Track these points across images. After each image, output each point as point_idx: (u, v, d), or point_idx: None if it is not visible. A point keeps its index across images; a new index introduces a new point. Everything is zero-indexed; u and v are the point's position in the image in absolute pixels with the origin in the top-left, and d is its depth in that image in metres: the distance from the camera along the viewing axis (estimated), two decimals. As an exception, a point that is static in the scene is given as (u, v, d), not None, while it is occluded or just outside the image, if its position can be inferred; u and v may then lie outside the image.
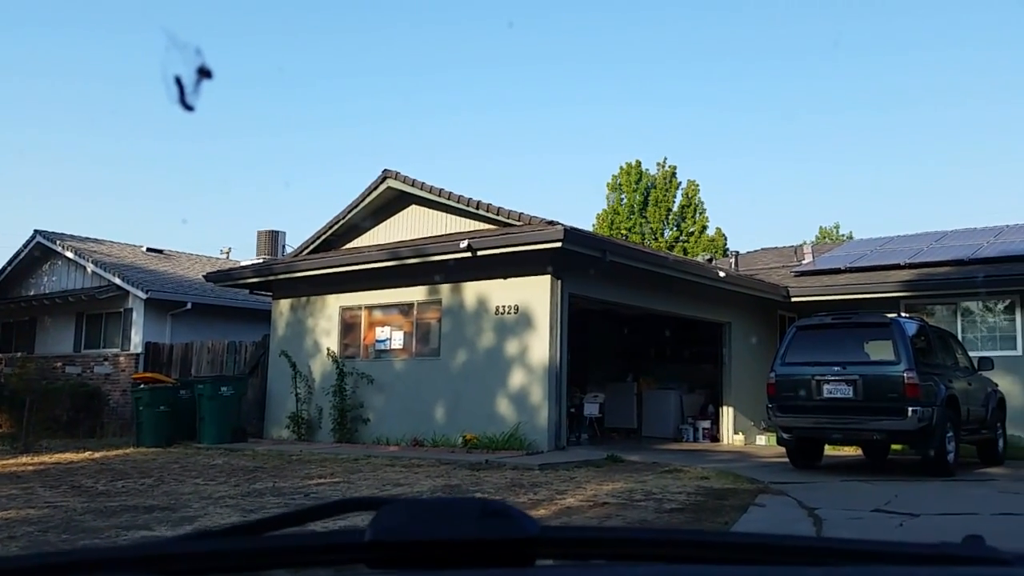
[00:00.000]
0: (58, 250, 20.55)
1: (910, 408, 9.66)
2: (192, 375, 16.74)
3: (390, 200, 15.36)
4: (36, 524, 6.44)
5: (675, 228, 35.55)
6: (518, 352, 12.66)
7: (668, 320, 16.44)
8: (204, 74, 1.17)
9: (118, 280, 18.87)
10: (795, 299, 16.76)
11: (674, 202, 35.71)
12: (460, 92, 60.82)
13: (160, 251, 23.69)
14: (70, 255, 20.24)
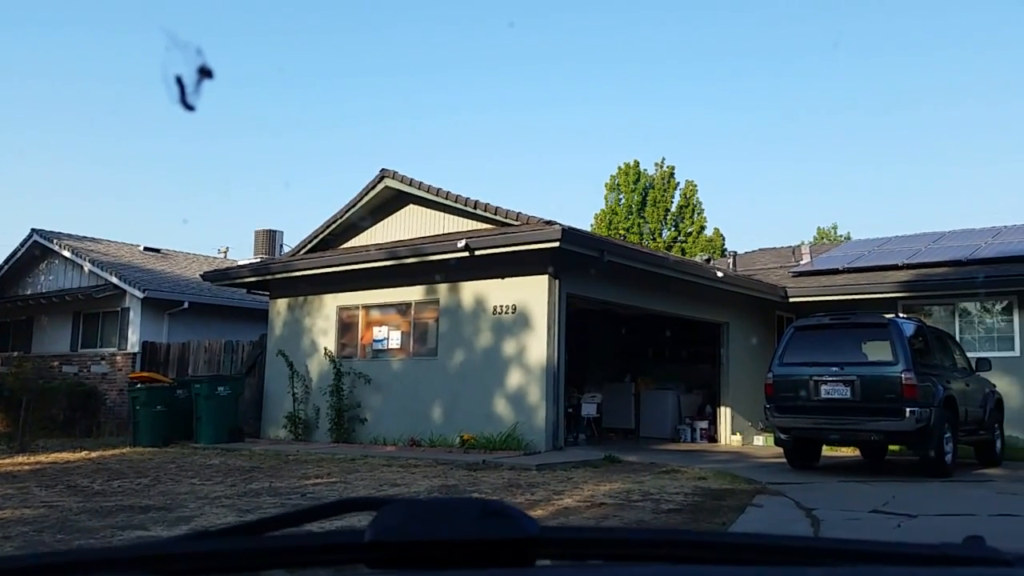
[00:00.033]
0: (55, 249, 20.52)
1: (908, 409, 9.66)
2: (189, 375, 16.71)
3: (388, 199, 15.35)
4: (31, 524, 6.43)
5: (673, 228, 35.56)
6: (516, 352, 12.65)
7: (666, 320, 16.44)
8: (205, 74, 1.17)
9: (115, 279, 18.84)
10: (793, 299, 16.78)
11: (672, 202, 35.72)
12: (459, 92, 60.89)
13: (157, 250, 23.65)
14: (67, 254, 20.20)
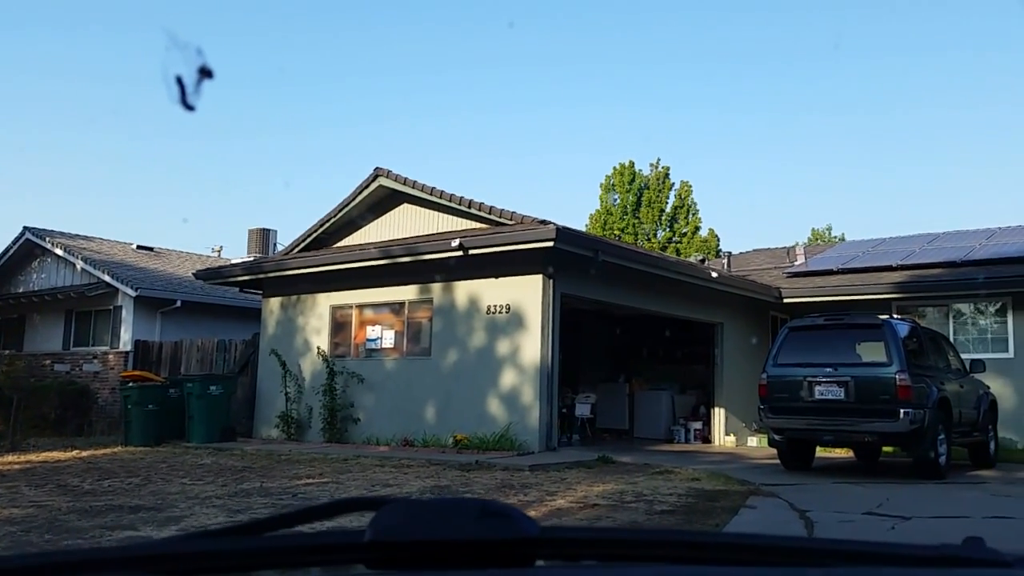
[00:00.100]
0: (47, 247, 20.44)
1: (902, 410, 9.67)
2: (181, 373, 16.66)
3: (382, 198, 15.33)
4: (19, 524, 6.39)
5: (668, 229, 35.62)
6: (509, 352, 12.64)
7: (660, 320, 16.46)
8: (205, 74, 1.16)
9: (107, 277, 18.77)
10: (787, 300, 16.81)
11: (667, 203, 35.77)
12: (458, 92, 60.96)
13: (150, 249, 23.58)
14: (59, 252, 20.13)
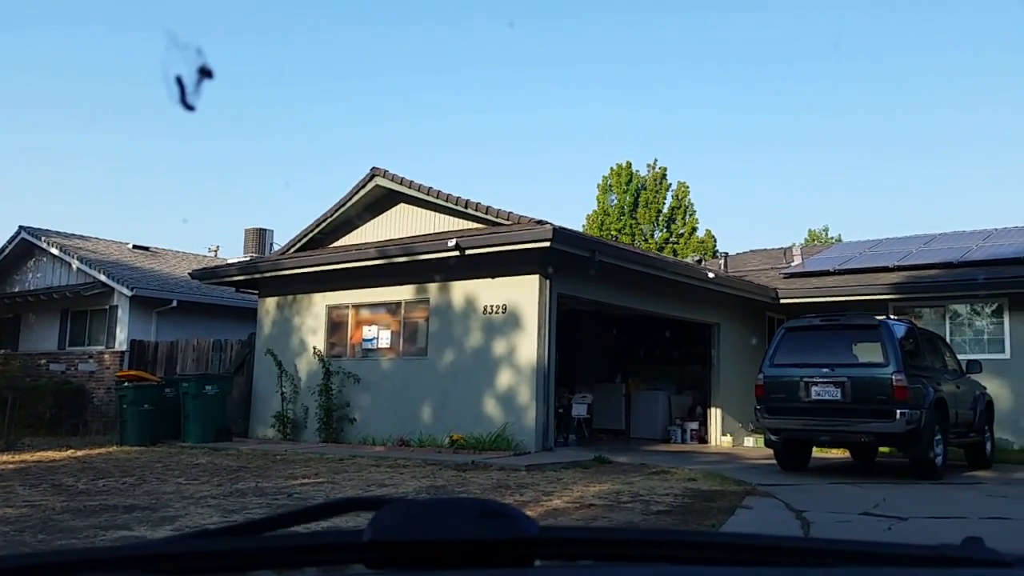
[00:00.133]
0: (43, 246, 20.39)
1: (898, 411, 9.68)
2: (177, 373, 16.63)
3: (378, 198, 15.31)
4: (13, 524, 6.36)
5: (665, 229, 35.65)
6: (506, 352, 12.64)
7: (657, 321, 16.47)
8: (205, 74, 1.16)
9: (103, 277, 18.73)
10: (784, 301, 16.82)
11: (664, 203, 35.80)
12: (458, 92, 60.98)
13: (146, 248, 23.53)
14: (55, 251, 20.08)
